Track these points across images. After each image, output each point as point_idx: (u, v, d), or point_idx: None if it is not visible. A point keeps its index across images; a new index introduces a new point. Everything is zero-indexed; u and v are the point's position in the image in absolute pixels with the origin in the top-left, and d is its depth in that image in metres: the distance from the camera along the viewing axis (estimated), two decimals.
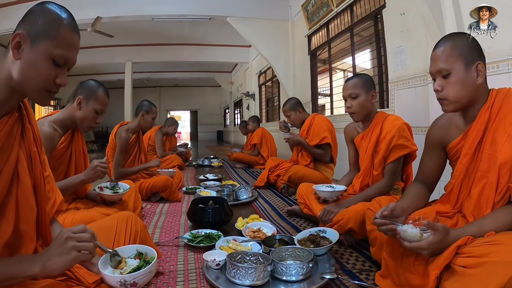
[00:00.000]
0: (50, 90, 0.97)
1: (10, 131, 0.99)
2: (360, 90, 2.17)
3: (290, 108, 3.75)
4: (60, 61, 0.95)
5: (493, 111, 1.31)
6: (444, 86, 1.35)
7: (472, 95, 1.33)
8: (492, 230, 1.11)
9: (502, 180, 1.21)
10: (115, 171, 3.09)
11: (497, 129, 1.27)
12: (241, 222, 2.32)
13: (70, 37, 0.97)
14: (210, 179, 4.50)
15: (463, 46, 1.33)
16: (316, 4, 5.48)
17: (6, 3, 6.19)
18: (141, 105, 3.38)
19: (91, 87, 1.95)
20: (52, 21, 0.94)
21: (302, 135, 3.61)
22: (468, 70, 1.32)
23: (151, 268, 1.22)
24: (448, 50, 1.34)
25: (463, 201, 1.37)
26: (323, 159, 3.51)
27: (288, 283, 1.45)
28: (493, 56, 2.35)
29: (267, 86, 9.64)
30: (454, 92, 1.33)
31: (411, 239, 1.15)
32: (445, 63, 1.33)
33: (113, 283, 1.15)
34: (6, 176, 0.96)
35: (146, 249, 1.35)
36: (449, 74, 1.33)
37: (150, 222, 2.57)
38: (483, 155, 1.30)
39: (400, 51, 3.47)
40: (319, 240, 1.81)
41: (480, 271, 0.96)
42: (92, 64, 10.63)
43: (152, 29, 8.39)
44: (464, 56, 1.32)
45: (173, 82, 18.23)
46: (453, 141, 1.45)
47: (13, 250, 0.99)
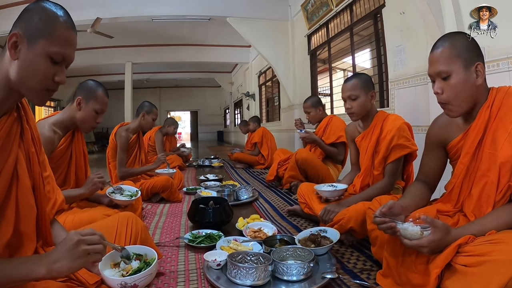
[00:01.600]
0: (49, 89, 0.96)
1: (9, 131, 0.98)
2: (360, 91, 2.16)
3: (311, 105, 3.76)
4: (58, 59, 0.95)
5: (493, 110, 1.30)
6: (444, 88, 1.33)
7: (473, 96, 1.32)
8: (493, 229, 1.11)
9: (503, 179, 1.20)
10: (119, 170, 3.10)
11: (497, 128, 1.26)
12: (241, 222, 2.32)
13: (66, 34, 0.96)
14: (211, 179, 4.50)
15: (462, 46, 1.31)
16: (315, 4, 5.48)
17: (5, 5, 6.20)
18: (142, 106, 3.41)
19: (90, 87, 1.95)
20: (48, 19, 0.94)
21: (318, 134, 3.62)
22: (467, 71, 1.30)
23: (152, 270, 1.21)
24: (447, 51, 1.32)
25: (464, 200, 1.37)
26: (337, 157, 3.53)
27: (289, 283, 1.45)
28: (493, 55, 2.35)
29: (267, 86, 9.64)
30: (455, 95, 1.31)
31: (411, 237, 1.15)
32: (445, 65, 1.31)
33: (114, 285, 1.15)
34: (6, 177, 0.96)
35: (146, 250, 1.34)
36: (449, 76, 1.31)
37: (151, 222, 2.57)
38: (484, 154, 1.29)
39: (400, 50, 3.47)
40: (320, 240, 1.80)
41: (481, 270, 0.96)
42: (92, 65, 10.65)
43: (151, 29, 8.39)
44: (463, 57, 1.30)
45: (173, 83, 18.24)
46: (453, 140, 1.44)
47: (14, 251, 0.99)
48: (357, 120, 2.28)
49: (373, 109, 2.24)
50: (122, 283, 1.13)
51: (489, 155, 1.27)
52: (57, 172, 1.79)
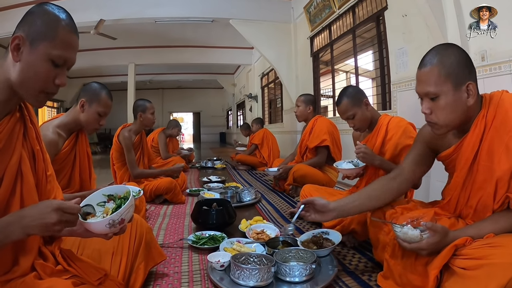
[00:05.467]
0: (48, 92, 0.97)
1: (12, 131, 1.00)
2: (354, 109, 2.18)
3: (303, 100, 3.76)
4: (59, 62, 0.96)
5: (488, 120, 1.23)
6: (432, 109, 1.26)
7: (464, 115, 1.25)
8: (491, 232, 1.12)
9: (500, 191, 1.18)
10: (132, 172, 3.12)
11: (493, 139, 1.21)
12: (244, 224, 2.34)
13: (68, 38, 0.97)
14: (214, 181, 4.52)
15: (452, 64, 1.22)
16: (318, 6, 5.49)
17: (7, 6, 6.23)
18: (135, 107, 3.34)
19: (94, 89, 1.95)
20: (50, 22, 0.95)
21: (305, 137, 3.62)
22: (458, 91, 1.22)
23: (131, 202, 1.10)
24: (436, 71, 1.23)
25: (461, 209, 1.36)
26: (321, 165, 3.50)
27: (292, 284, 1.47)
28: (495, 58, 2.36)
29: (270, 87, 9.65)
30: (443, 116, 1.24)
31: (411, 241, 1.17)
32: (433, 86, 1.23)
33: (102, 228, 1.05)
34: (10, 175, 0.98)
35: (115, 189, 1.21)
36: (437, 97, 1.24)
37: (155, 224, 2.59)
38: (480, 167, 1.24)
39: (402, 52, 3.48)
40: (322, 242, 1.82)
41: (479, 273, 0.97)
42: (95, 66, 10.69)
43: (155, 31, 8.42)
44: (453, 76, 1.21)
45: (176, 84, 18.26)
46: (446, 150, 1.39)
47: (18, 249, 1.00)
48: (365, 130, 2.30)
49: (375, 114, 2.25)
50: (110, 221, 1.03)
51: (485, 167, 1.22)
52: (61, 174, 1.79)
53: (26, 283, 0.97)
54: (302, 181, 3.18)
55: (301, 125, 4.28)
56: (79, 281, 1.09)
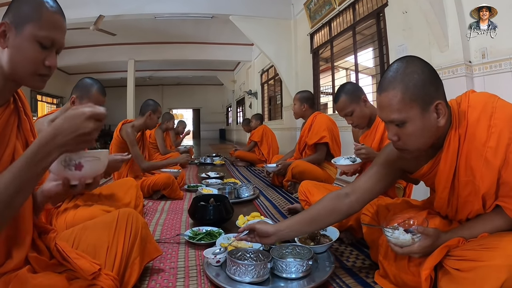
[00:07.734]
0: (41, 74, 0.96)
1: (6, 122, 1.00)
2: (351, 106, 2.18)
3: (299, 98, 3.74)
4: (46, 43, 0.95)
5: (461, 133, 1.13)
6: (399, 135, 1.15)
7: (435, 136, 1.15)
8: (485, 232, 1.11)
9: (489, 201, 1.13)
10: (140, 165, 3.17)
11: (469, 152, 1.12)
12: (242, 220, 2.34)
13: (53, 18, 0.96)
14: (212, 177, 4.51)
15: (416, 85, 1.09)
16: (318, 3, 5.47)
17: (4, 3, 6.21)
18: (147, 104, 3.36)
19: (84, 85, 1.93)
20: (35, 4, 0.94)
21: (304, 133, 3.61)
22: (426, 114, 1.10)
23: (101, 154, 0.99)
24: (399, 96, 1.09)
25: (452, 218, 1.32)
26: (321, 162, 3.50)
27: (288, 280, 1.46)
28: (495, 55, 2.35)
29: (270, 84, 9.63)
30: (412, 142, 1.14)
31: (403, 245, 1.16)
32: (397, 113, 1.11)
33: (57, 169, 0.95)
34: (4, 167, 0.97)
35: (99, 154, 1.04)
36: (404, 124, 1.11)
37: (152, 219, 2.58)
38: (460, 183, 1.16)
39: (402, 49, 3.46)
40: (319, 238, 1.81)
41: (474, 275, 0.97)
42: (94, 63, 10.67)
43: (154, 27, 8.39)
44: (419, 99, 1.09)
45: (176, 81, 18.24)
46: (421, 169, 1.28)
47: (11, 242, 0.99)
48: (364, 127, 2.28)
49: (373, 111, 2.23)
50: (67, 159, 0.93)
51: (467, 182, 1.14)
52: None
53: (20, 277, 0.96)
54: (300, 178, 3.17)
55: (300, 121, 4.26)
56: (73, 275, 1.09)
